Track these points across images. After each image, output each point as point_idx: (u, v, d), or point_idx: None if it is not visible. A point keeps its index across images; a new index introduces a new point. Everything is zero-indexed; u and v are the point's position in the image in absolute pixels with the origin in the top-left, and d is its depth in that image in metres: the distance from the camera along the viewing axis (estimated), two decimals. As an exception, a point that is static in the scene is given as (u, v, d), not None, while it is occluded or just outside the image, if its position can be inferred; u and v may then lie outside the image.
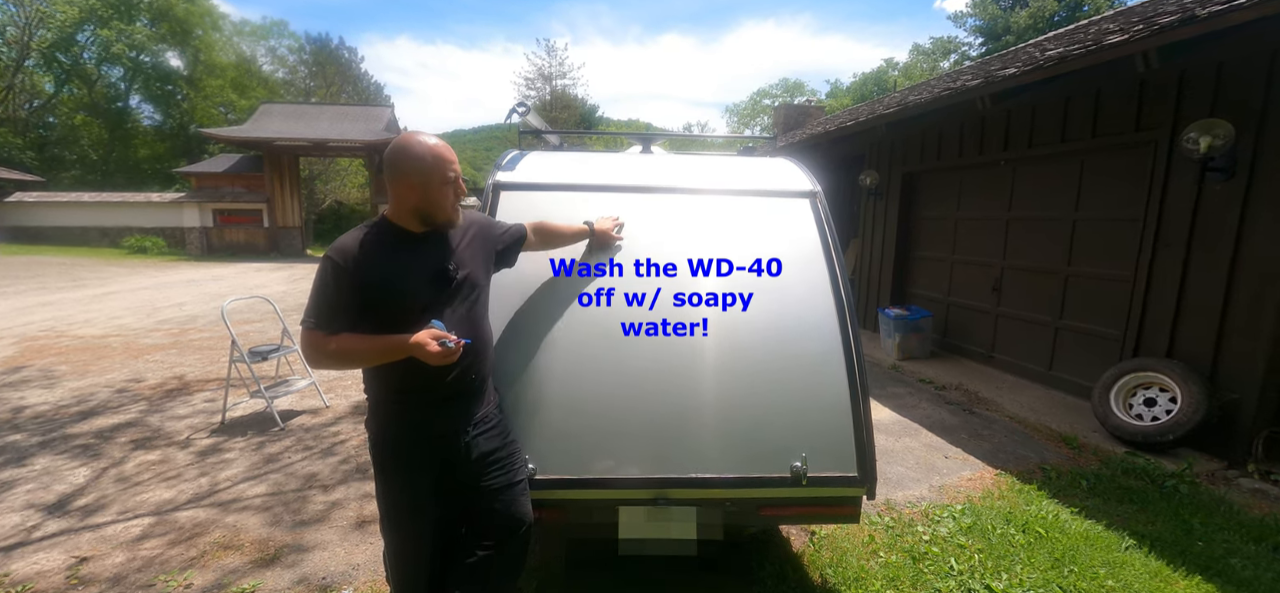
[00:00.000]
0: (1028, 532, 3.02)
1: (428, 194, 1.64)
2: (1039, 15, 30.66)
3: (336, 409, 4.87)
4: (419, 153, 1.63)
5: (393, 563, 1.84)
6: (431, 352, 1.53)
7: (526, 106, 3.27)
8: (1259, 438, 3.80)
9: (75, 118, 31.71)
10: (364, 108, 27.42)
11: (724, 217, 2.43)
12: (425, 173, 1.63)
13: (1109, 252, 5.01)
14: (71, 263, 17.58)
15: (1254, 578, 2.66)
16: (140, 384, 5.51)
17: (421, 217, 1.68)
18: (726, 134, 38.64)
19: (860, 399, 2.08)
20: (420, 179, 1.63)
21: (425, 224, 1.70)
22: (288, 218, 23.45)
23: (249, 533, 2.97)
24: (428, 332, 1.56)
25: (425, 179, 1.63)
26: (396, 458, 1.75)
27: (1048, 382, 5.63)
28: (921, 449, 4.20)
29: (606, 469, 1.99)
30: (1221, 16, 3.55)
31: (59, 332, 7.89)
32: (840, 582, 2.61)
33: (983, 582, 2.61)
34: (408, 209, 1.67)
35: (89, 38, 31.23)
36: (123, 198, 23.60)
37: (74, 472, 3.64)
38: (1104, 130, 4.87)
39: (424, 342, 1.53)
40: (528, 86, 41.66)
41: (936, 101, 6.14)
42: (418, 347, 1.54)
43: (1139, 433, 4.11)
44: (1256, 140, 3.78)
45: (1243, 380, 3.89)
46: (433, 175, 1.63)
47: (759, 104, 47.10)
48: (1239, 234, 3.90)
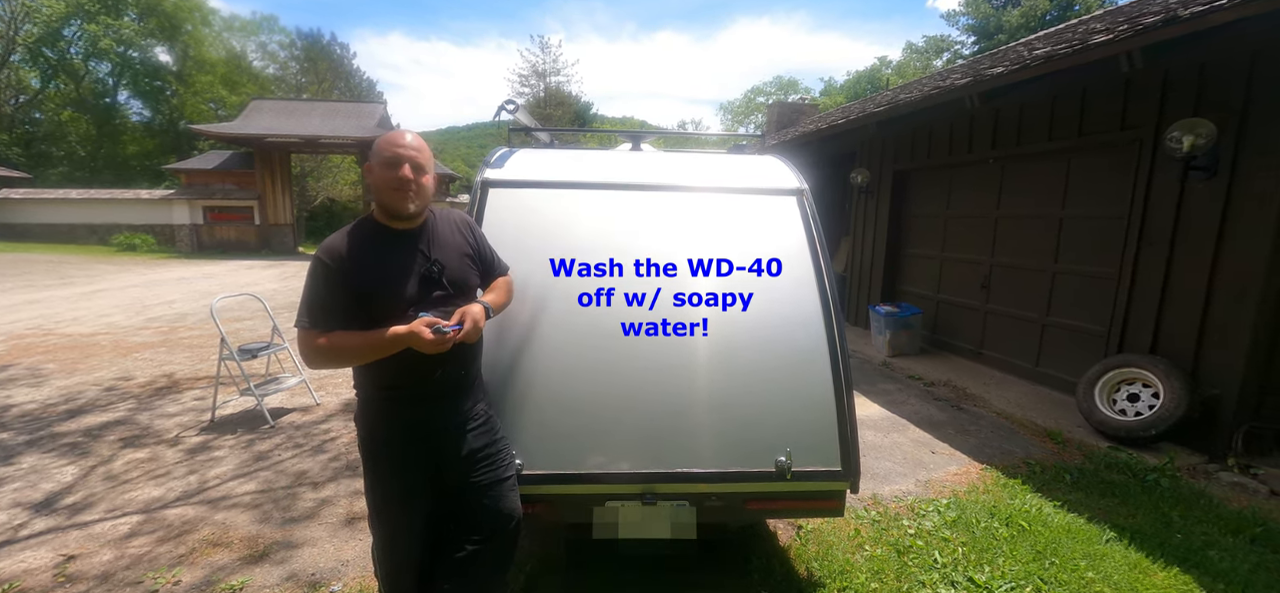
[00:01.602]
0: (1011, 525, 3.06)
1: (380, 189, 1.67)
2: (1031, 14, 30.87)
3: (327, 407, 4.86)
4: (378, 147, 1.67)
5: (381, 559, 1.86)
6: (426, 339, 1.55)
7: (516, 104, 3.27)
8: (1238, 433, 3.87)
9: (62, 114, 31.34)
10: (356, 104, 27.25)
11: (711, 214, 2.45)
12: (381, 167, 1.65)
13: (1095, 249, 5.07)
14: (59, 260, 17.39)
15: (1231, 569, 2.71)
16: (129, 382, 5.48)
17: (382, 208, 1.71)
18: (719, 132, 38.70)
19: (844, 395, 2.11)
20: (376, 174, 1.67)
21: (391, 217, 1.71)
22: (279, 215, 23.29)
23: (238, 530, 2.97)
24: (422, 320, 1.57)
25: (381, 173, 1.66)
26: (386, 454, 1.76)
27: (1034, 378, 5.70)
28: (909, 445, 4.24)
29: (595, 465, 2.02)
30: (1203, 17, 3.60)
31: (46, 330, 7.82)
32: (825, 575, 2.64)
33: (965, 575, 2.65)
34: (378, 204, 1.71)
35: (76, 32, 30.88)
36: (111, 195, 23.37)
37: (62, 470, 3.62)
38: (1090, 129, 4.93)
39: (418, 330, 1.55)
40: (521, 83, 41.52)
41: (926, 100, 6.19)
42: (413, 336, 1.56)
43: (1122, 428, 4.17)
44: (1238, 139, 3.85)
45: (1223, 376, 3.96)
46: (376, 159, 1.67)
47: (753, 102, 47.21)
48: (1220, 232, 3.96)
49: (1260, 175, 3.73)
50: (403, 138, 1.67)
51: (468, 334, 1.67)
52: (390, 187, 1.65)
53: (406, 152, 1.65)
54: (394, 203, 1.67)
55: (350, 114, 24.17)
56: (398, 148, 1.65)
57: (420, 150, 1.68)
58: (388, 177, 1.64)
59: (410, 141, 1.67)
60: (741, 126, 45.78)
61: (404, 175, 1.64)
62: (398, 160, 1.64)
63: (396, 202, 1.66)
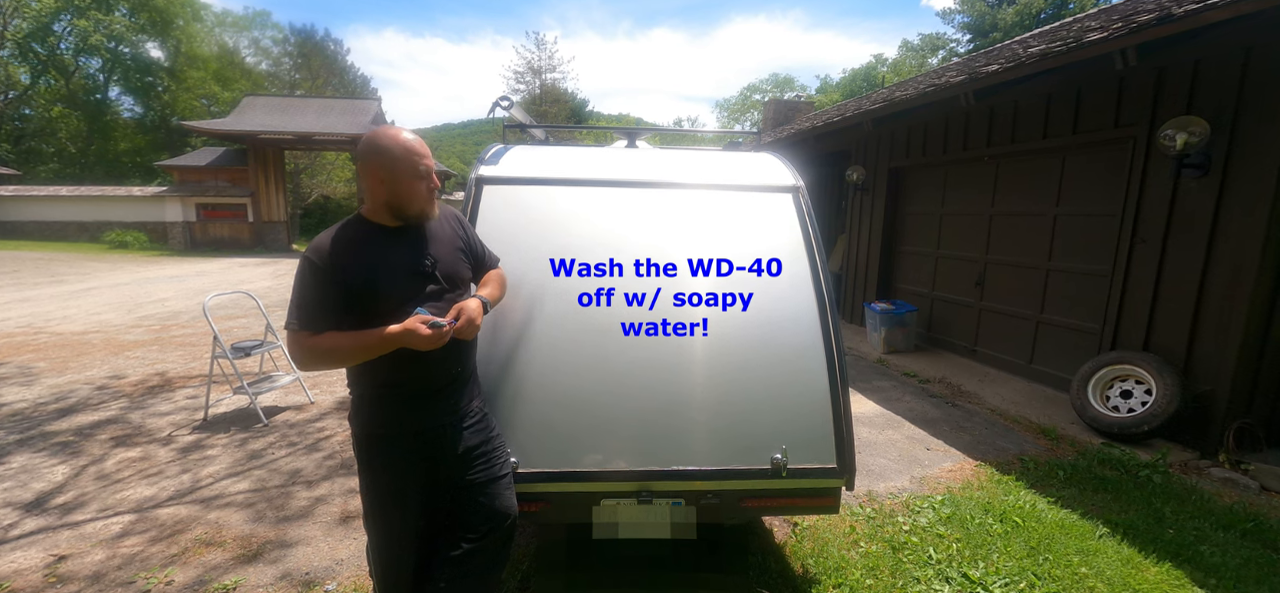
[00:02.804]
0: (1005, 521, 3.08)
1: (397, 188, 1.64)
2: (1026, 12, 30.95)
3: (321, 405, 4.84)
4: (387, 146, 1.63)
5: (376, 558, 1.85)
6: (422, 336, 1.54)
7: (510, 100, 3.25)
8: (1230, 429, 3.90)
9: (52, 110, 31.01)
10: (350, 101, 27.08)
11: (707, 211, 2.44)
12: (394, 167, 1.63)
13: (1088, 247, 5.09)
14: (50, 258, 17.24)
15: (1221, 564, 2.74)
16: (121, 381, 5.43)
17: (393, 211, 1.68)
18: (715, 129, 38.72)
19: (840, 393, 2.12)
20: (389, 173, 1.63)
21: (398, 218, 1.70)
22: (273, 212, 23.16)
23: (231, 530, 2.95)
24: (416, 318, 1.56)
25: (394, 173, 1.63)
26: (380, 453, 1.75)
27: (1028, 375, 5.73)
28: (904, 442, 4.26)
29: (591, 463, 2.01)
30: (1196, 15, 3.62)
31: (37, 328, 7.75)
32: (821, 571, 2.65)
33: (960, 570, 2.66)
34: (380, 204, 1.67)
35: (66, 27, 30.51)
36: (103, 192, 23.17)
37: (52, 469, 3.59)
38: (1084, 127, 4.95)
39: (414, 328, 1.54)
40: (517, 80, 41.39)
41: (922, 97, 6.20)
42: (408, 334, 1.54)
43: (1115, 424, 4.20)
44: (1230, 137, 3.87)
45: (1215, 373, 3.99)
46: (401, 169, 1.64)
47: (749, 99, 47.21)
48: (1213, 230, 3.99)
49: (1252, 173, 3.76)
50: (421, 147, 1.68)
51: (465, 330, 1.66)
52: (421, 197, 1.68)
53: (427, 160, 1.69)
54: (426, 209, 1.71)
55: (344, 111, 24.04)
56: (419, 159, 1.66)
57: (431, 156, 1.72)
58: (417, 187, 1.67)
59: (425, 148, 1.69)
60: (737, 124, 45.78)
61: (434, 184, 1.71)
62: (426, 171, 1.68)
63: (428, 208, 1.72)
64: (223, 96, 32.22)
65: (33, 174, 27.91)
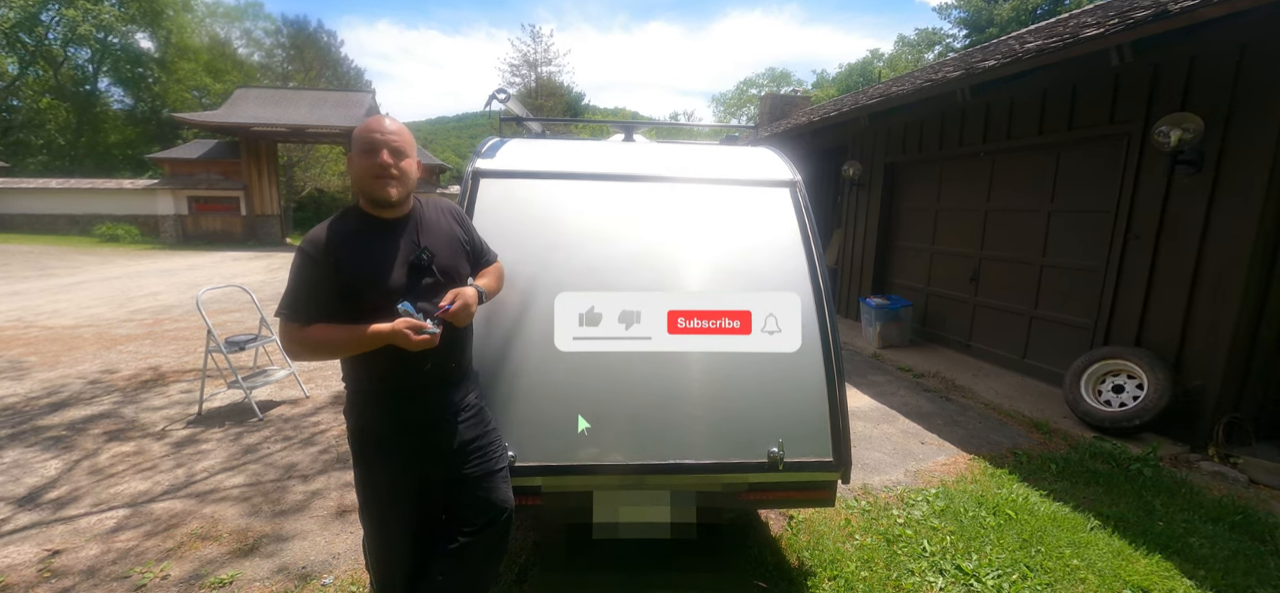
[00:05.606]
0: (998, 514, 3.11)
1: (361, 178, 1.63)
2: (1022, 8, 30.98)
3: (316, 399, 4.82)
4: (355, 135, 1.63)
5: (372, 552, 1.84)
6: (410, 340, 1.54)
7: (507, 93, 3.24)
8: (1220, 423, 3.94)
9: (41, 101, 30.59)
10: (344, 93, 26.87)
11: (705, 205, 2.44)
12: (359, 155, 1.61)
13: (1082, 243, 5.12)
14: (39, 251, 17.05)
15: (1210, 556, 2.77)
16: (114, 375, 5.39)
17: (364, 197, 1.67)
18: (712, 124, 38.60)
19: (836, 387, 2.12)
20: (356, 163, 1.63)
21: (372, 206, 1.68)
22: (266, 205, 22.97)
23: (227, 524, 2.94)
24: (404, 320, 1.55)
25: (360, 161, 1.62)
26: (376, 448, 1.74)
27: (1022, 369, 5.77)
28: (899, 436, 4.28)
29: (588, 457, 2.02)
30: (1193, 12, 3.64)
31: (27, 322, 7.67)
32: (816, 564, 2.67)
33: (953, 562, 2.69)
34: (360, 194, 1.67)
35: (54, 17, 30.07)
36: (93, 184, 22.91)
37: (45, 464, 3.56)
38: (1079, 123, 4.97)
39: (402, 330, 1.53)
40: (512, 73, 41.09)
41: (918, 93, 6.21)
42: (397, 335, 1.54)
43: (1107, 418, 4.24)
44: (1224, 135, 3.89)
45: (1206, 368, 4.03)
46: (356, 147, 1.62)
47: (745, 94, 47.09)
48: (1205, 227, 4.02)
49: (1245, 171, 3.79)
50: (380, 123, 1.62)
51: (459, 314, 1.65)
52: (370, 174, 1.60)
53: (383, 136, 1.60)
54: (375, 190, 1.62)
55: (338, 103, 23.84)
56: (374, 133, 1.60)
57: (398, 134, 1.63)
58: (367, 164, 1.60)
59: (388, 126, 1.63)
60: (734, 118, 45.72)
61: (383, 161, 1.59)
62: (376, 146, 1.59)
63: (377, 189, 1.61)
64: (214, 88, 31.86)
65: (21, 166, 27.55)
